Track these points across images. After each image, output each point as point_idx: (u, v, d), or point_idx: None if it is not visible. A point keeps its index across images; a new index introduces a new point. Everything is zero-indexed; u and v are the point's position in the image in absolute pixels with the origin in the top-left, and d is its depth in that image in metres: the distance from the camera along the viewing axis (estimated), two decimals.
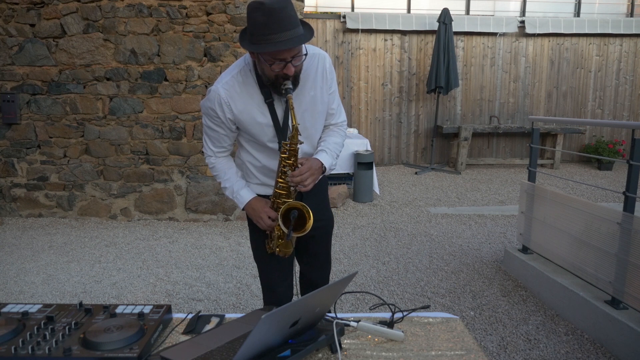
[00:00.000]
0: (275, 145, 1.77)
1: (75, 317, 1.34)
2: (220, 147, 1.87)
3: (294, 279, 2.15)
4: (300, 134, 1.68)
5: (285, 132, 1.75)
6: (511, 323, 3.01)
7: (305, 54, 1.65)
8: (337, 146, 1.90)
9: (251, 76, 1.71)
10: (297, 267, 2.14)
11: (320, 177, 1.84)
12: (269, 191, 1.88)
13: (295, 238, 1.87)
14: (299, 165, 1.70)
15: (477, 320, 3.06)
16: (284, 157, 1.70)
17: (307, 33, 1.58)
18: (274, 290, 2.06)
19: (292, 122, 1.61)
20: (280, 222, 1.71)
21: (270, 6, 1.47)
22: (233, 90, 1.71)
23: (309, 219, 1.69)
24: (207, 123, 1.81)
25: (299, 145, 1.68)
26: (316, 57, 1.78)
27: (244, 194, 1.86)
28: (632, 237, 2.62)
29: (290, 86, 1.60)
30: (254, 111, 1.73)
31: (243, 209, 1.88)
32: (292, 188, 1.75)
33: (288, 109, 1.70)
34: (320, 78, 1.80)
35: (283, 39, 1.50)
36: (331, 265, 2.27)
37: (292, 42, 1.51)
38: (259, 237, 1.96)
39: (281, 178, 1.74)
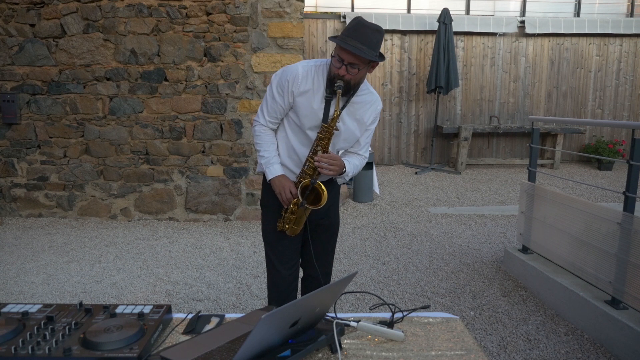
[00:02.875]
0: (313, 134, 2.02)
1: (75, 317, 1.34)
2: (272, 117, 2.09)
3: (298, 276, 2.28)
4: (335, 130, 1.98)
5: (327, 126, 2.01)
6: (511, 323, 3.01)
7: (358, 70, 1.89)
8: (356, 167, 2.16)
9: (324, 73, 2.01)
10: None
11: (338, 177, 2.11)
12: (288, 175, 2.11)
13: (305, 220, 2.11)
14: (329, 152, 1.99)
15: (477, 320, 3.06)
16: (320, 137, 1.96)
17: (372, 54, 1.87)
18: (279, 271, 2.20)
19: (336, 109, 1.90)
20: (298, 193, 1.99)
21: (364, 22, 1.87)
22: (308, 74, 2.00)
23: (323, 193, 1.98)
24: (271, 91, 2.05)
25: (334, 131, 1.97)
26: (375, 97, 2.13)
27: (276, 168, 2.08)
28: (632, 237, 2.62)
29: (342, 84, 1.88)
30: (313, 98, 2.00)
31: (269, 181, 2.09)
32: (317, 170, 1.97)
33: (340, 109, 1.97)
34: (368, 114, 2.10)
35: (351, 44, 1.83)
36: (332, 267, 2.42)
37: (354, 49, 1.82)
38: (272, 218, 2.16)
39: (311, 158, 1.99)
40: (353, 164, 2.13)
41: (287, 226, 2.10)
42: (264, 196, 2.23)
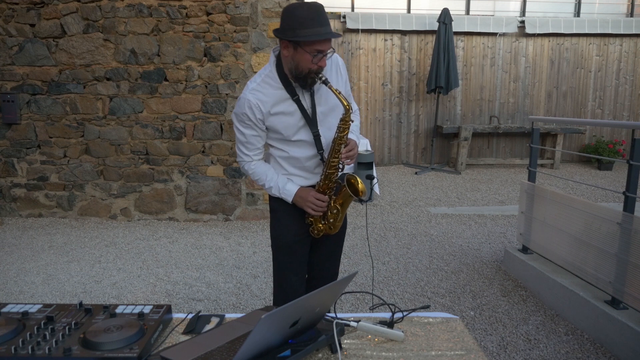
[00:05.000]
0: (300, 137, 1.94)
1: (75, 317, 1.34)
2: (254, 150, 1.99)
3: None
4: (320, 127, 1.94)
5: (314, 121, 1.93)
6: (511, 323, 3.01)
7: (333, 51, 1.84)
8: (357, 128, 2.10)
9: (276, 79, 1.88)
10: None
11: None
12: (298, 182, 2.02)
13: (344, 216, 2.09)
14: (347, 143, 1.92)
15: (477, 320, 3.06)
16: (341, 135, 1.86)
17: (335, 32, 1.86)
18: (288, 277, 2.16)
19: (343, 103, 1.80)
20: (349, 191, 1.92)
21: (315, 5, 1.75)
22: (260, 94, 1.88)
23: (358, 183, 1.95)
24: (239, 130, 1.95)
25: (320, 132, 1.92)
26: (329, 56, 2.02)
27: (290, 188, 1.99)
28: (632, 237, 2.62)
29: (326, 76, 1.81)
30: (281, 108, 1.89)
31: (292, 202, 2.00)
32: (340, 165, 1.93)
33: (313, 101, 1.92)
34: (335, 72, 1.99)
35: (328, 31, 1.74)
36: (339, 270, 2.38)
37: (335, 35, 1.77)
38: (284, 222, 2.09)
39: (334, 157, 1.90)
40: (355, 130, 2.06)
41: (332, 228, 2.06)
42: (273, 199, 2.10)
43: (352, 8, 8.13)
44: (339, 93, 1.80)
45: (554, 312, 3.15)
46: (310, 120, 1.92)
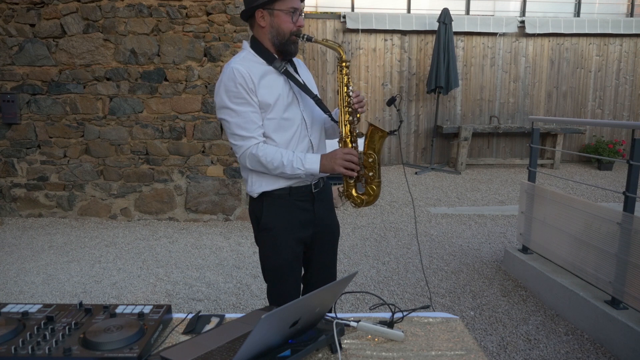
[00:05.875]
0: (290, 114, 1.82)
1: (75, 317, 1.34)
2: (257, 129, 1.76)
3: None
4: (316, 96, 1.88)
5: (306, 88, 1.86)
6: (511, 323, 3.01)
7: (302, 15, 1.84)
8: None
9: (257, 57, 1.81)
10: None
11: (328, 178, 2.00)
12: (289, 183, 1.84)
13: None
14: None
15: (477, 320, 3.06)
16: (343, 77, 1.82)
17: None
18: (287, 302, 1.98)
19: (334, 48, 1.81)
20: (378, 131, 1.82)
21: None
22: (248, 63, 1.77)
23: (378, 129, 1.83)
24: (234, 111, 1.73)
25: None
26: (299, 62, 2.00)
27: (311, 156, 1.78)
28: (632, 237, 2.62)
29: (300, 69, 1.85)
30: (269, 81, 1.78)
31: (320, 170, 1.78)
32: (356, 111, 1.83)
33: (298, 73, 1.88)
34: (304, 70, 1.99)
35: None
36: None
37: None
38: (280, 241, 1.88)
39: (346, 105, 1.82)
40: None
41: (375, 187, 1.88)
42: (265, 215, 1.86)
43: (352, 8, 8.13)
44: (326, 41, 1.83)
45: (554, 312, 3.15)
46: (304, 87, 1.85)
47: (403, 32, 8.13)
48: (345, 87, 1.81)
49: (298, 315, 1.18)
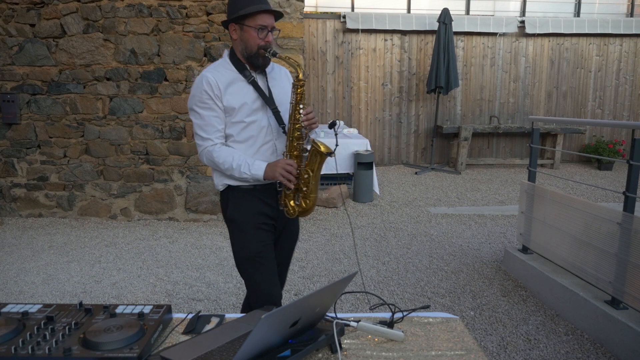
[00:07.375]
0: (255, 118, 1.96)
1: (75, 317, 1.34)
2: (215, 132, 1.96)
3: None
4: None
5: (271, 99, 1.99)
6: (511, 323, 3.01)
7: (279, 31, 2.02)
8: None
9: (230, 65, 1.97)
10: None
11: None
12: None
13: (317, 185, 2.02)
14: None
15: (477, 320, 3.06)
16: (297, 97, 1.90)
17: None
18: (266, 291, 2.03)
19: (294, 66, 1.90)
20: (321, 148, 1.90)
21: None
22: (218, 74, 1.94)
23: (321, 145, 1.92)
24: (197, 114, 1.95)
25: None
26: (281, 67, 2.16)
27: (259, 163, 1.93)
28: (632, 237, 2.62)
29: (272, 48, 1.92)
30: (236, 88, 1.94)
31: (264, 177, 1.92)
32: (303, 131, 1.93)
33: (267, 84, 2.00)
34: (286, 80, 2.10)
35: (267, 6, 1.89)
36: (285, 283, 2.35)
37: (274, 11, 1.91)
38: (248, 232, 2.04)
39: (297, 122, 1.91)
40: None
41: (308, 201, 1.97)
42: (231, 208, 2.04)
43: (352, 8, 8.13)
44: (289, 58, 1.92)
45: (554, 312, 3.15)
46: (268, 98, 1.97)
47: (403, 32, 8.13)
48: (297, 106, 1.91)
49: (298, 315, 1.18)
